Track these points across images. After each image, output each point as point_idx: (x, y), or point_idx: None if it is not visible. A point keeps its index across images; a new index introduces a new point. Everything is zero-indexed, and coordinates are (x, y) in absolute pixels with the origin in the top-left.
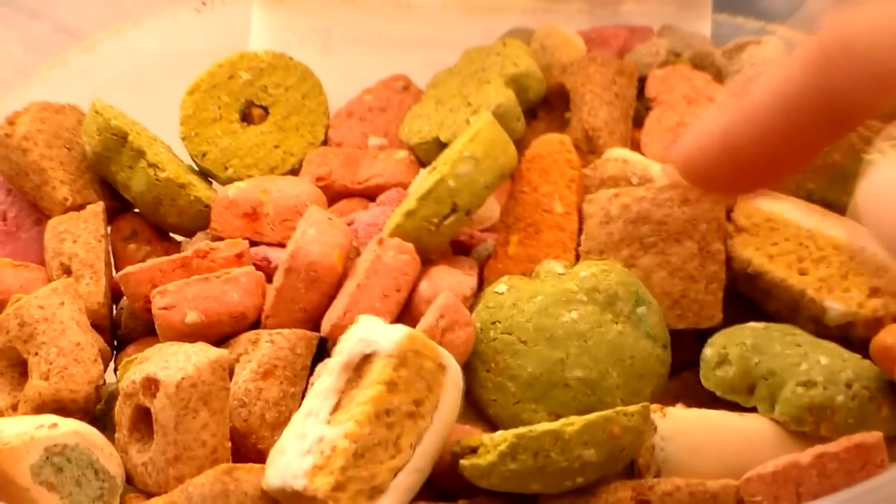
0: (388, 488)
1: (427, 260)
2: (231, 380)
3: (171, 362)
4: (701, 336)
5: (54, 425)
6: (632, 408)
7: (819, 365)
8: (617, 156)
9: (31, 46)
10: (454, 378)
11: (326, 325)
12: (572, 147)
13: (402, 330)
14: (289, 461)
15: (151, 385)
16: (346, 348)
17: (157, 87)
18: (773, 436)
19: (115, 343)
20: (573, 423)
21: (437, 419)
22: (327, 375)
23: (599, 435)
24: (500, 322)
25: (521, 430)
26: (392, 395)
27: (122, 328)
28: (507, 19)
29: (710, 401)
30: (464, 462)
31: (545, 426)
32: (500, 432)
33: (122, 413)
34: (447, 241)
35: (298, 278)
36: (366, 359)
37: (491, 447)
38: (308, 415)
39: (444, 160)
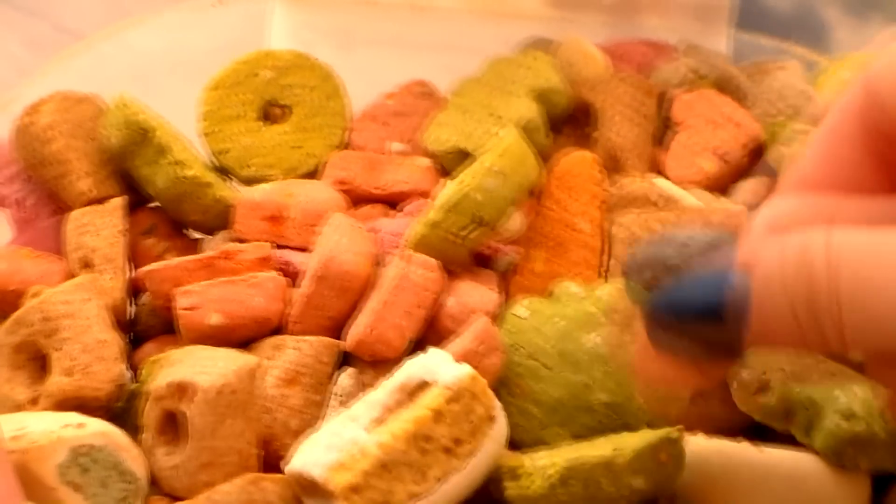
0: None
1: (448, 271)
2: None
3: (208, 367)
4: None
5: (81, 425)
6: (673, 434)
7: (855, 396)
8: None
9: (30, 45)
10: (499, 433)
11: (352, 340)
12: (602, 166)
13: (467, 369)
14: (316, 451)
15: (187, 389)
16: (407, 370)
17: (160, 85)
18: (790, 471)
19: (131, 338)
20: (623, 453)
21: (471, 466)
22: (381, 389)
23: (649, 463)
24: (522, 347)
25: (571, 456)
26: (436, 424)
27: (141, 325)
28: (525, 27)
29: (734, 429)
30: (510, 492)
31: (596, 455)
32: (543, 455)
33: (149, 416)
34: (469, 253)
35: (330, 286)
36: (423, 385)
37: (536, 473)
38: (351, 418)
39: (471, 173)
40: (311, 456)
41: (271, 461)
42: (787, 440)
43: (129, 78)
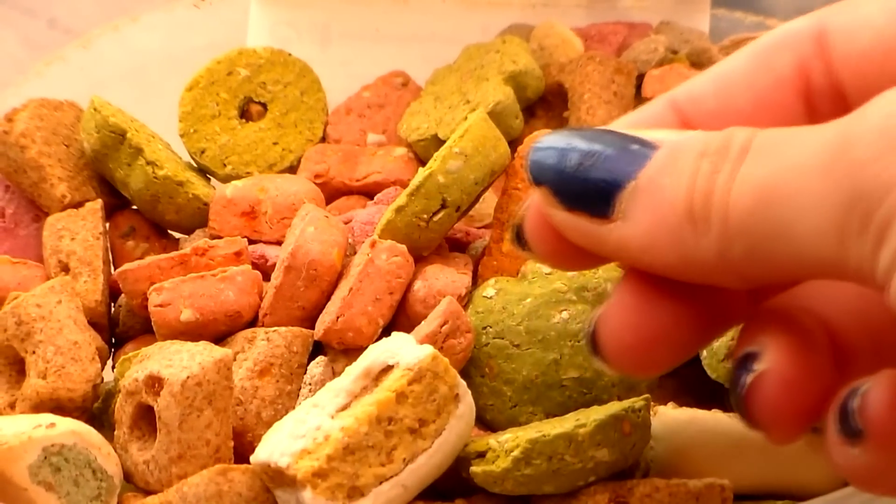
0: (369, 493)
1: (420, 258)
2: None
3: (175, 361)
4: None
5: (52, 425)
6: (638, 403)
7: None
8: None
9: (26, 43)
10: (466, 412)
11: (319, 328)
12: None
13: (427, 349)
14: (280, 440)
15: (155, 383)
16: (370, 355)
17: (155, 83)
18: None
19: (114, 341)
20: (585, 425)
21: (438, 445)
22: (346, 376)
23: (611, 434)
24: (491, 327)
25: (533, 433)
26: (399, 405)
27: (121, 326)
28: (506, 15)
29: (710, 398)
30: (475, 469)
31: (558, 430)
32: (508, 435)
33: (123, 411)
34: (438, 238)
35: (298, 276)
36: (386, 370)
37: (501, 452)
38: (314, 405)
39: (435, 156)
40: (275, 445)
41: (245, 453)
42: None
43: (125, 76)
